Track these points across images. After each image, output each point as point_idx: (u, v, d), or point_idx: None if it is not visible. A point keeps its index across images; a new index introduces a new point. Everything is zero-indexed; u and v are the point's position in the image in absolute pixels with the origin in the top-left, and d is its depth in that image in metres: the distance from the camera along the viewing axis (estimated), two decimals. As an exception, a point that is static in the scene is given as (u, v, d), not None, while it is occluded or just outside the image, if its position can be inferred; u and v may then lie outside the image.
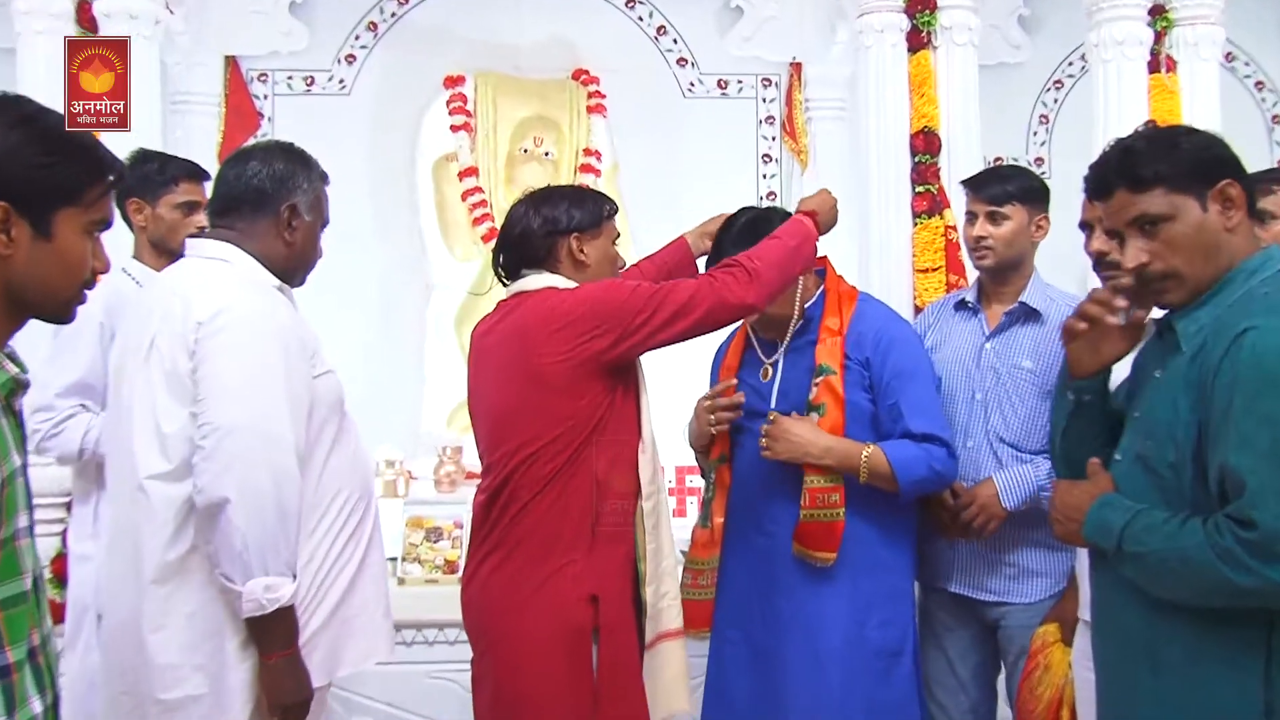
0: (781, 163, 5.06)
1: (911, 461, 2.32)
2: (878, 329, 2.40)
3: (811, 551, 2.32)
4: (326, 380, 2.03)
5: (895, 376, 2.36)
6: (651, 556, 2.19)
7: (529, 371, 2.14)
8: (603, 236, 2.31)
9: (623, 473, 2.18)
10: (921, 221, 3.69)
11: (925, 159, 3.68)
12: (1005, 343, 2.58)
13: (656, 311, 2.13)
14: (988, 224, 2.57)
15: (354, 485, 2.06)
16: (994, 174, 2.68)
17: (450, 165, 4.67)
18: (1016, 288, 2.60)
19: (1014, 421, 2.53)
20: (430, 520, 3.76)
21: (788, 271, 2.25)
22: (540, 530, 2.14)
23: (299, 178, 2.07)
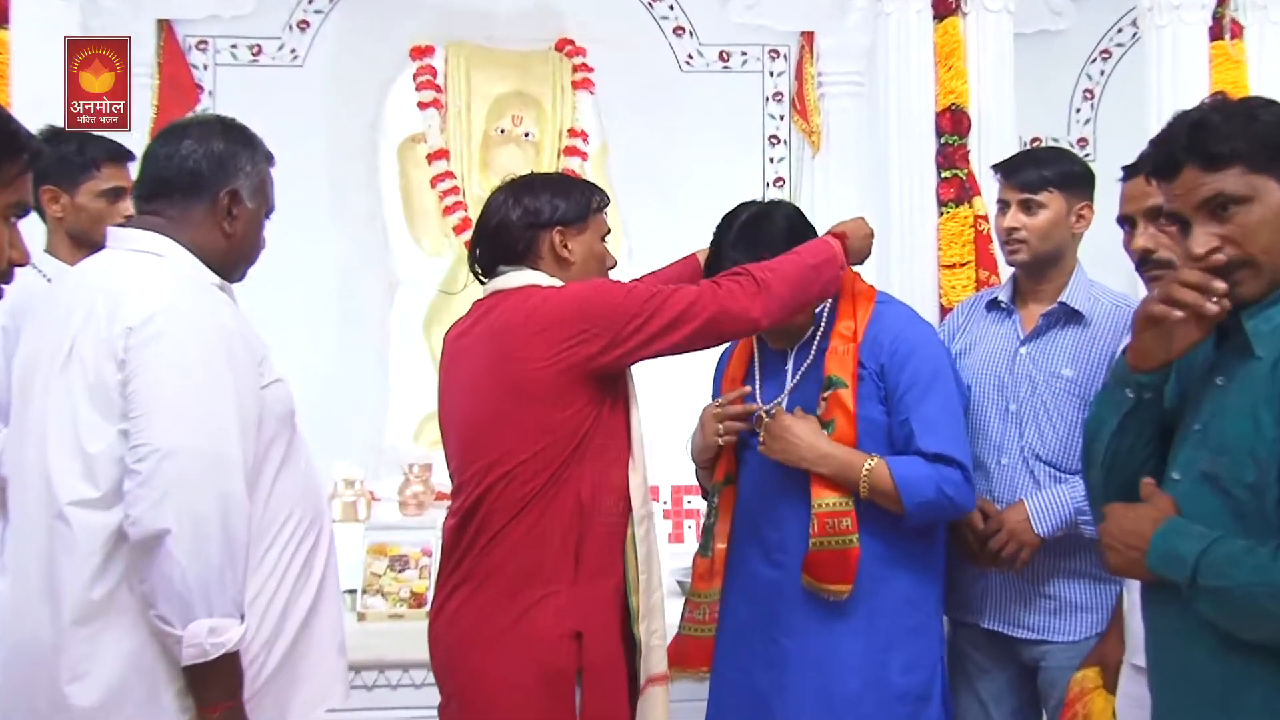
0: (791, 145, 5.05)
1: (919, 481, 2.31)
2: (895, 334, 2.39)
3: (823, 584, 2.31)
4: (275, 390, 2.01)
5: (910, 388, 2.35)
6: (644, 589, 2.19)
7: (506, 379, 2.14)
8: (589, 231, 2.32)
9: (610, 495, 2.18)
10: (948, 211, 3.69)
11: (953, 140, 3.68)
12: (1043, 348, 2.57)
13: (653, 317, 2.14)
14: (1021, 214, 2.57)
15: (305, 509, 2.04)
16: (1028, 157, 2.68)
17: (417, 147, 4.66)
18: (1056, 285, 2.59)
19: (1052, 437, 2.53)
20: (394, 547, 3.76)
21: (802, 292, 2.25)
22: (517, 559, 2.14)
23: (241, 159, 2.05)
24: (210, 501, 1.82)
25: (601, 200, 2.36)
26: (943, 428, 2.35)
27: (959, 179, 3.67)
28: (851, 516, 2.30)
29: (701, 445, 2.52)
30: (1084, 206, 2.60)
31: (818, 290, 2.29)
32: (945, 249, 3.68)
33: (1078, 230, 2.61)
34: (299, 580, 2.02)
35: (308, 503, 2.05)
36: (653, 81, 5.00)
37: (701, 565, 2.49)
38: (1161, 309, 1.70)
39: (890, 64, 3.79)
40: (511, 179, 2.38)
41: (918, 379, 2.36)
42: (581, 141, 4.76)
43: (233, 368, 1.90)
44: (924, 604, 2.41)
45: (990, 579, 2.57)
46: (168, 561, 1.80)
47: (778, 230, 2.41)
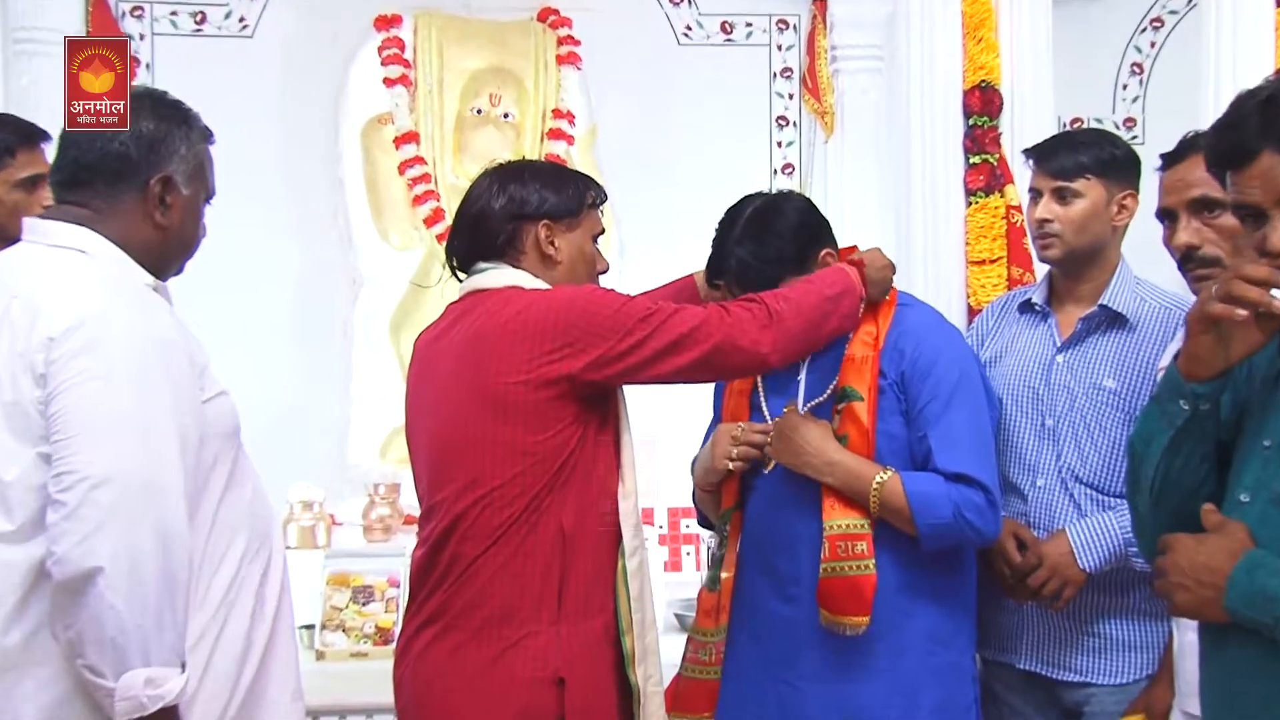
0: (801, 128, 5.06)
1: (934, 500, 2.29)
2: (917, 340, 2.38)
3: (837, 616, 2.28)
4: (218, 405, 1.98)
5: (930, 401, 2.34)
6: (638, 629, 2.18)
7: (480, 392, 2.12)
8: (580, 229, 2.31)
9: (598, 524, 2.16)
10: (977, 201, 3.69)
11: (982, 122, 3.68)
12: (1082, 356, 2.56)
13: (652, 336, 2.12)
14: (1054, 204, 2.56)
15: (253, 534, 2.02)
16: (1063, 140, 2.66)
17: (383, 130, 4.68)
18: (1096, 285, 2.58)
19: (1093, 456, 2.51)
20: (358, 577, 3.75)
21: (817, 327, 2.23)
22: (492, 595, 2.12)
23: (174, 140, 2.01)
24: (147, 535, 1.78)
25: (598, 196, 2.35)
26: (964, 444, 2.34)
27: (989, 165, 3.67)
28: (867, 540, 2.28)
29: (707, 468, 2.50)
30: (1126, 195, 2.58)
31: (833, 326, 2.26)
32: (974, 243, 3.67)
33: (1119, 222, 2.58)
34: (254, 615, 2.00)
35: (255, 528, 2.03)
36: (647, 56, 5.01)
37: (708, 600, 2.47)
38: (1222, 308, 1.67)
39: (913, 36, 3.78)
40: (501, 164, 2.37)
41: (939, 390, 2.34)
42: (567, 123, 4.76)
43: (171, 382, 1.87)
44: (954, 641, 2.38)
45: (1027, 614, 2.55)
46: (99, 604, 1.76)
47: (788, 225, 2.39)
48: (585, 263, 2.31)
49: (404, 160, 4.64)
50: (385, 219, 4.65)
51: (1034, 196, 2.62)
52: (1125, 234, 2.62)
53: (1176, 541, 1.71)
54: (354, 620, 3.64)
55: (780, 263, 2.35)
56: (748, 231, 2.37)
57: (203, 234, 2.11)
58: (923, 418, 2.34)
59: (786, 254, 2.36)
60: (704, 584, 2.52)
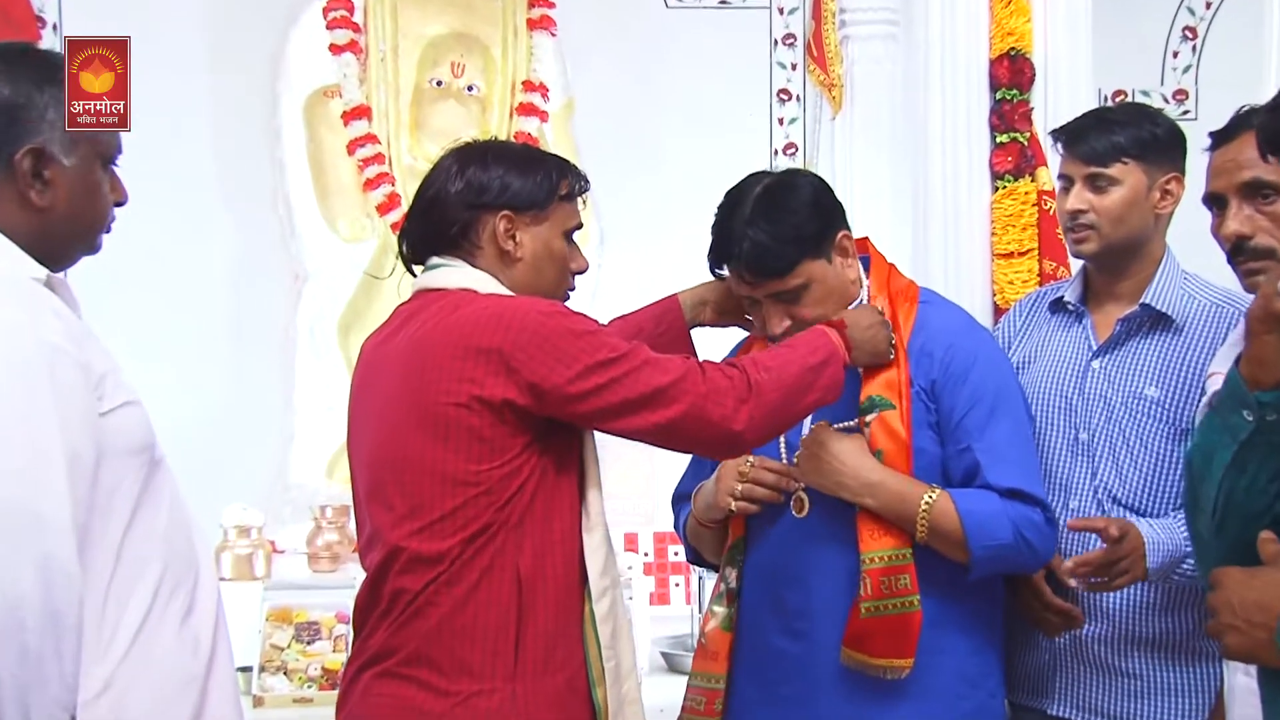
0: (805, 102, 5.07)
1: (991, 520, 2.30)
2: (948, 343, 2.39)
3: (875, 659, 2.29)
4: (122, 417, 1.92)
5: (971, 409, 2.35)
6: (611, 680, 2.17)
7: (419, 409, 2.11)
8: (549, 223, 2.28)
9: (559, 566, 2.14)
10: (1005, 185, 3.69)
11: (1012, 95, 3.67)
12: (1121, 361, 2.57)
13: (617, 385, 2.09)
14: (1087, 192, 2.56)
15: (170, 568, 1.97)
16: (1094, 120, 2.67)
17: (330, 104, 4.67)
18: (1137, 281, 2.59)
19: (1133, 475, 2.52)
20: (302, 613, 3.74)
21: (796, 402, 2.21)
22: (440, 644, 2.11)
23: (39, 103, 1.92)
24: (26, 572, 1.73)
25: (575, 185, 2.33)
26: (1015, 456, 2.36)
27: (1019, 145, 3.67)
28: (910, 572, 2.29)
29: (708, 504, 2.49)
30: (1170, 179, 2.59)
31: (812, 400, 2.23)
32: (1001, 234, 3.67)
33: (1163, 210, 2.59)
34: (174, 663, 1.96)
35: (176, 555, 1.98)
36: (631, 21, 5.01)
37: (719, 642, 2.47)
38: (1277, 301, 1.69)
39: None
40: (466, 143, 2.35)
41: (980, 397, 2.36)
42: (540, 97, 4.76)
43: (56, 394, 1.81)
44: (984, 681, 2.41)
45: (1060, 653, 2.55)
46: None
47: (803, 201, 2.40)
48: (553, 262, 2.29)
49: (353, 139, 4.63)
50: (332, 205, 4.65)
51: (1064, 184, 2.62)
52: (1170, 223, 2.63)
53: (1226, 576, 1.71)
54: (297, 661, 3.60)
55: (799, 242, 2.35)
56: (760, 210, 2.37)
57: (106, 213, 2.05)
58: (962, 429, 2.35)
59: (805, 232, 2.36)
60: (716, 624, 2.49)
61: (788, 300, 2.37)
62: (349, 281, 4.61)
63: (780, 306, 2.38)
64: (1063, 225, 2.67)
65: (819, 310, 2.38)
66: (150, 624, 1.94)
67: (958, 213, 3.71)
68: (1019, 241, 3.65)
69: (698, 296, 2.59)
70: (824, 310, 2.38)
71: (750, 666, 2.44)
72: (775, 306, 2.39)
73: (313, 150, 4.69)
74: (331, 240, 4.66)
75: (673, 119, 4.90)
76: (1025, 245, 3.64)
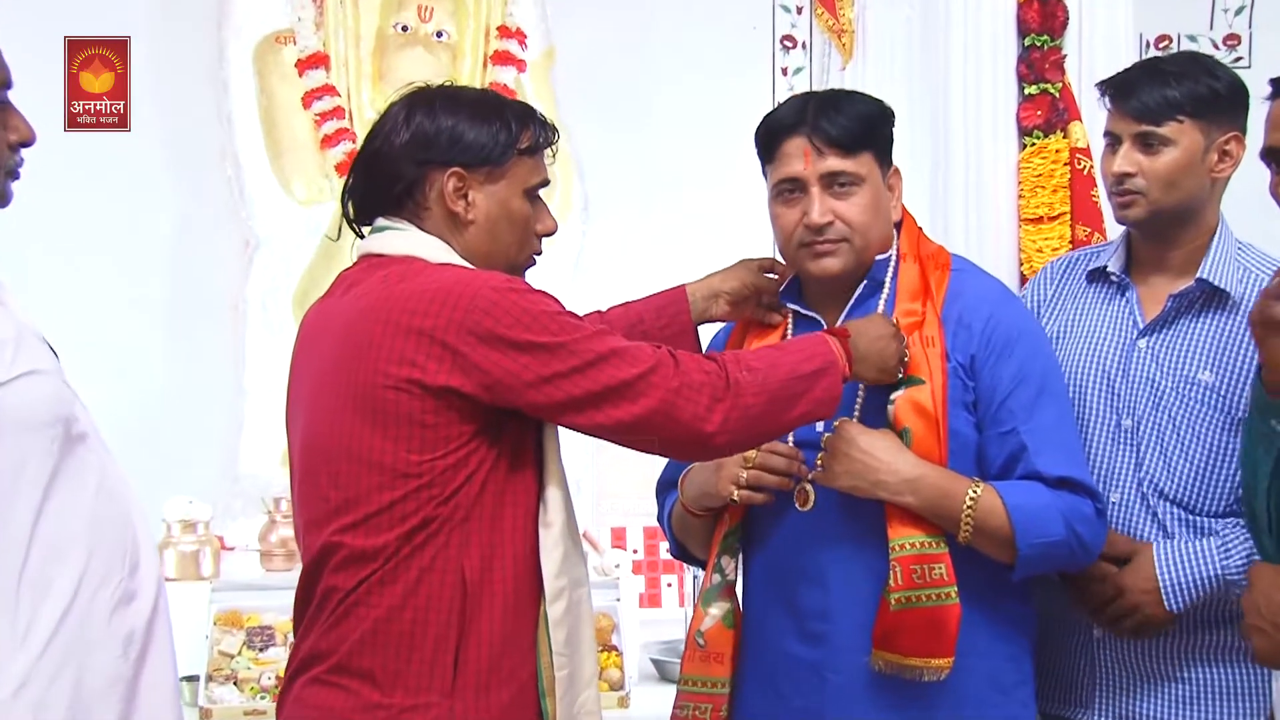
0: (812, 51, 5.04)
1: (1041, 514, 2.29)
2: (988, 314, 2.39)
3: (909, 658, 2.29)
4: (21, 388, 1.95)
5: (1016, 388, 2.35)
6: (563, 689, 2.16)
7: (355, 391, 2.10)
8: (506, 181, 2.24)
9: (510, 567, 2.13)
10: (1034, 142, 3.69)
11: (1042, 41, 3.66)
12: (1171, 341, 2.56)
13: (581, 373, 2.07)
14: (1137, 153, 2.55)
15: (97, 553, 1.99)
16: (1147, 72, 2.64)
17: (283, 51, 4.67)
18: (1189, 252, 2.58)
19: (1183, 467, 2.51)
20: (254, 616, 3.75)
21: (782, 411, 2.20)
22: (373, 651, 2.10)
23: None
24: None
25: (539, 137, 2.29)
26: (1065, 443, 2.38)
27: (1049, 97, 3.65)
28: (946, 562, 2.29)
29: (702, 491, 2.47)
30: (1229, 139, 2.57)
31: (801, 413, 2.23)
32: (1029, 196, 3.66)
33: (1221, 173, 2.57)
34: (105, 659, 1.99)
35: (106, 541, 2.01)
36: (618, -41, 4.98)
37: (719, 640, 2.46)
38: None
39: (952, -66, 3.76)
40: (418, 88, 2.32)
41: (1026, 375, 2.36)
42: (517, 45, 4.76)
43: None
44: (1017, 690, 2.41)
45: (1098, 656, 2.56)
46: None
47: (878, 105, 2.46)
48: (512, 224, 2.26)
49: (310, 90, 4.64)
50: (286, 165, 4.66)
51: (1111, 143, 2.61)
52: (1226, 187, 2.61)
53: (1259, 576, 1.75)
54: (248, 670, 3.62)
55: (870, 125, 2.41)
56: (833, 92, 2.46)
57: (10, 153, 2.07)
58: (1006, 410, 2.35)
59: (877, 123, 2.42)
60: (717, 621, 2.48)
61: (839, 188, 2.37)
62: (305, 249, 4.61)
63: (827, 195, 2.38)
64: (1107, 188, 2.65)
65: (863, 218, 2.39)
66: (74, 615, 1.96)
67: (981, 173, 3.71)
68: (1049, 205, 3.64)
69: (710, 288, 2.56)
70: (866, 222, 2.39)
71: (759, 675, 2.44)
72: (823, 194, 2.38)
73: (264, 104, 4.69)
74: (285, 203, 4.68)
75: (665, 70, 4.88)
76: (1056, 209, 3.63)
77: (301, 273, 4.58)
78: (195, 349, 4.70)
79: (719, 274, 2.57)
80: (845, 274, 2.41)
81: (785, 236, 2.43)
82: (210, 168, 4.72)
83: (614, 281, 4.61)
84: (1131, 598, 2.46)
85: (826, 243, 2.37)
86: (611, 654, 3.76)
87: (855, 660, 2.33)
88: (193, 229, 4.77)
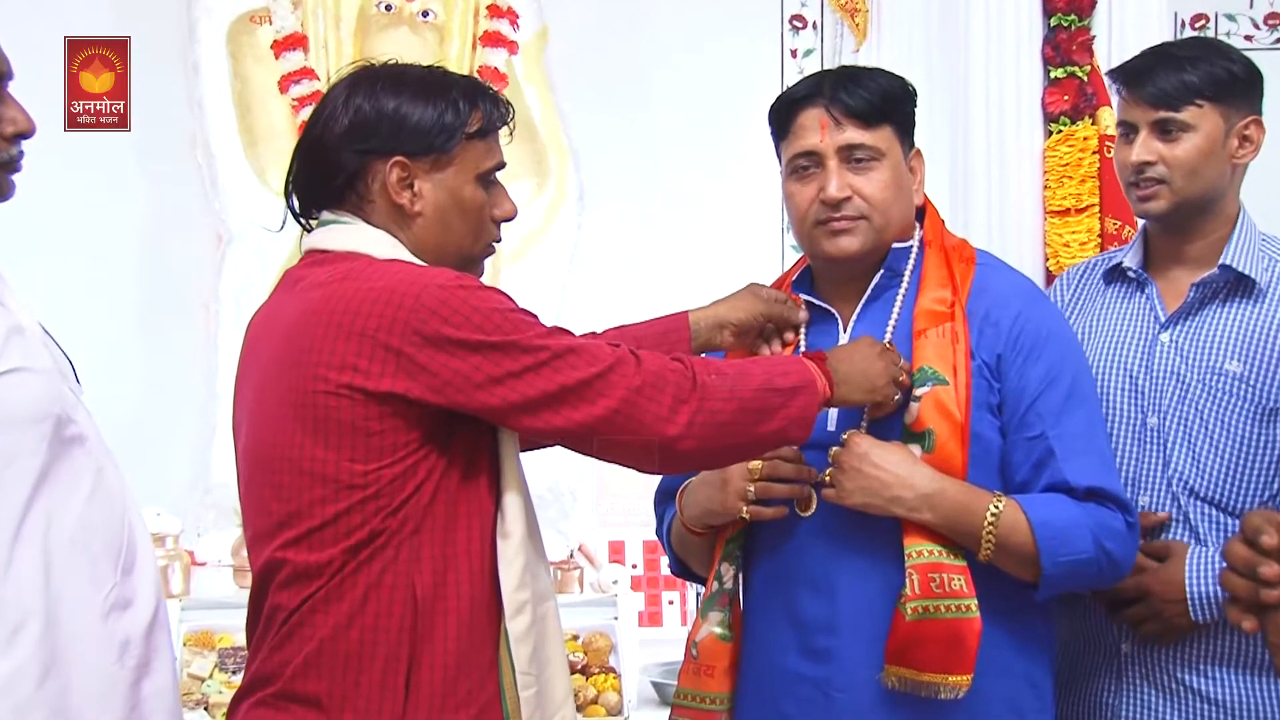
0: (823, 31, 5.05)
1: (1069, 531, 2.28)
2: (1016, 311, 2.39)
3: (925, 675, 2.27)
4: (13, 383, 1.98)
5: (1045, 390, 2.34)
6: (531, 710, 2.15)
7: (295, 397, 2.08)
8: (455, 168, 2.21)
9: (466, 582, 2.11)
10: (1061, 129, 3.71)
11: (1069, 22, 3.69)
12: (1195, 332, 2.58)
13: (535, 372, 2.06)
14: (1156, 140, 2.58)
15: (92, 552, 2.01)
16: (1160, 57, 2.67)
17: (258, 32, 4.67)
18: (1211, 242, 2.60)
19: (1213, 463, 2.52)
20: (226, 636, 3.76)
21: (753, 424, 2.19)
22: (320, 670, 2.09)
23: None
24: None
25: (490, 117, 2.24)
26: (1096, 451, 2.36)
27: (1077, 81, 3.67)
28: (965, 575, 2.27)
29: (706, 510, 2.46)
30: (1249, 123, 2.60)
31: (773, 430, 2.21)
32: (1055, 187, 3.68)
33: (1241, 159, 2.61)
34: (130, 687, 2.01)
35: (99, 544, 2.02)
36: (616, -66, 4.99)
37: (714, 652, 2.46)
38: None
39: (973, -94, 3.79)
40: (363, 67, 2.30)
41: (1057, 377, 2.35)
42: (508, 25, 4.75)
43: None
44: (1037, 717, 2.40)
45: (1127, 671, 2.56)
46: None
47: (903, 81, 2.48)
48: (464, 214, 2.22)
49: (286, 74, 4.63)
50: (261, 153, 4.65)
51: (1125, 132, 2.63)
52: (1245, 174, 2.64)
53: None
54: (220, 695, 3.61)
55: (893, 99, 2.43)
56: (844, 81, 2.41)
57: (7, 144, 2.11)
58: (1034, 414, 2.34)
59: (900, 99, 2.44)
60: (710, 632, 2.47)
61: (858, 163, 2.38)
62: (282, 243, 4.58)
63: (846, 169, 2.38)
64: (1124, 180, 2.67)
65: (883, 195, 2.39)
66: (64, 616, 1.98)
67: (1003, 161, 3.72)
68: (1077, 196, 3.65)
69: (715, 318, 2.50)
70: (886, 199, 2.39)
71: (760, 693, 2.42)
72: (841, 167, 2.38)
73: (238, 88, 4.68)
74: (261, 194, 4.66)
75: (665, 52, 4.87)
76: (1084, 200, 3.65)
77: (277, 269, 4.52)
78: (164, 350, 4.67)
79: (725, 302, 2.51)
80: (862, 255, 2.40)
81: (799, 215, 2.42)
82: (181, 157, 4.71)
83: (611, 277, 4.64)
84: (1156, 604, 2.47)
85: (844, 219, 2.36)
86: (609, 676, 3.77)
87: (864, 677, 2.31)
88: (162, 223, 4.76)
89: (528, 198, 4.71)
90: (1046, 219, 3.70)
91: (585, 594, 4.16)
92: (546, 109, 4.79)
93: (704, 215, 4.55)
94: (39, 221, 4.22)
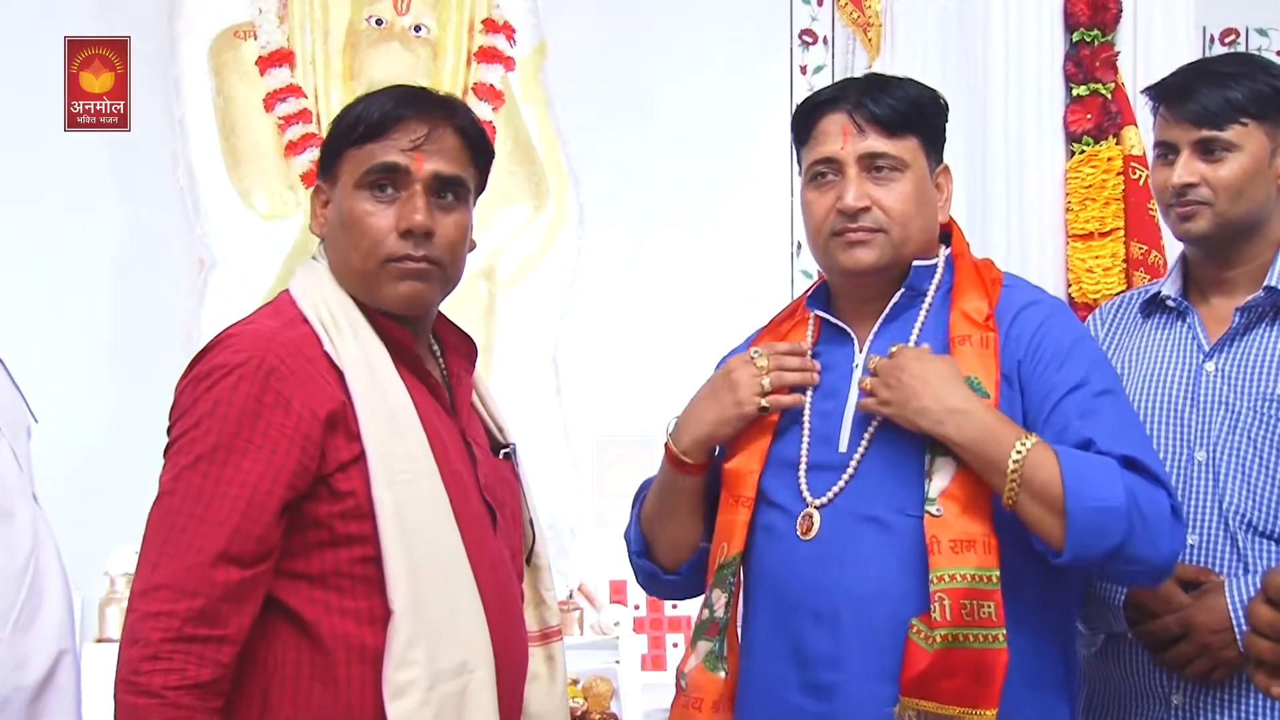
0: (834, 47, 5.04)
1: (1097, 474, 2.23)
2: (1038, 320, 2.39)
3: (949, 708, 2.24)
4: None
5: (1077, 389, 2.32)
6: None
7: None
8: (340, 180, 2.21)
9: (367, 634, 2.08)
10: (1084, 149, 3.72)
11: (1093, 37, 3.70)
12: (1242, 358, 2.58)
13: (177, 446, 2.14)
14: (1198, 161, 2.58)
15: None
16: (1201, 74, 2.67)
17: (243, 47, 4.67)
18: (1254, 267, 2.61)
19: (1270, 491, 2.52)
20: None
21: None
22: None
23: None
24: None
25: (366, 122, 2.19)
26: (1135, 432, 2.35)
27: (1101, 99, 3.68)
28: (997, 601, 2.22)
29: (719, 419, 2.46)
30: (1294, 141, 2.61)
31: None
32: (1078, 209, 3.69)
33: (1288, 178, 2.63)
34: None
35: None
36: (617, -54, 5.00)
37: (707, 686, 2.45)
38: None
39: (990, -83, 3.80)
40: None
41: (1086, 377, 2.35)
42: (504, 40, 4.77)
43: None
44: None
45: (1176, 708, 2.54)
46: None
47: (933, 92, 2.49)
48: (346, 230, 2.19)
49: (273, 91, 4.64)
50: (246, 174, 4.66)
51: (1162, 153, 2.64)
52: (1288, 196, 2.64)
53: None
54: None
55: (919, 108, 2.44)
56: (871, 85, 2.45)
57: None
58: (1061, 411, 2.33)
59: (928, 109, 2.45)
60: (700, 661, 2.47)
61: (879, 172, 2.39)
62: (267, 268, 4.59)
63: (866, 179, 2.39)
64: (1162, 202, 2.67)
65: (903, 207, 2.39)
66: None
67: (1023, 183, 3.73)
68: (1100, 219, 3.66)
69: None
70: (907, 212, 2.39)
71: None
72: (861, 176, 2.40)
73: (221, 106, 4.68)
74: (245, 217, 4.66)
75: (668, 67, 4.87)
76: (1108, 224, 3.65)
77: (263, 295, 4.54)
78: (143, 380, 4.61)
79: None
80: (878, 270, 2.40)
81: (815, 225, 2.43)
82: (162, 178, 4.69)
83: (612, 303, 4.63)
84: (1201, 638, 2.45)
85: (861, 230, 2.37)
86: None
87: (871, 714, 2.29)
88: (142, 247, 4.74)
89: (525, 220, 4.72)
90: (1069, 243, 3.72)
91: (585, 636, 4.16)
92: (544, 128, 4.81)
93: (709, 239, 4.54)
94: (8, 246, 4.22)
